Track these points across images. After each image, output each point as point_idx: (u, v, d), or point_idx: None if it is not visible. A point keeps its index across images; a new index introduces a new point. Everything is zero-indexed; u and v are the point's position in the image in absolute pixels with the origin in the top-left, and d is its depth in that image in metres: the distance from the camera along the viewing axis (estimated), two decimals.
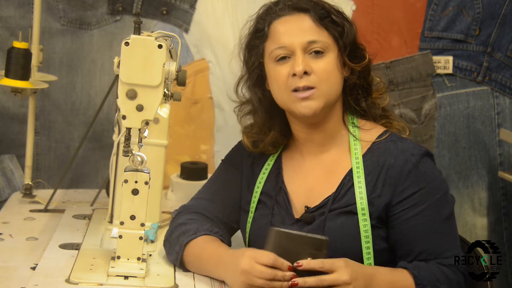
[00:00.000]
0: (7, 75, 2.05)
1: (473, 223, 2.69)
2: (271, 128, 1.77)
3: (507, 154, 2.65)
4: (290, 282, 1.48)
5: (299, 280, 1.49)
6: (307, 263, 1.49)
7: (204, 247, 1.66)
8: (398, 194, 1.63)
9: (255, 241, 1.75)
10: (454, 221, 1.67)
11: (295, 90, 1.64)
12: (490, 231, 2.69)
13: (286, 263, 1.50)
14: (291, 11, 1.68)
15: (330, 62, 1.66)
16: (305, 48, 1.65)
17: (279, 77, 1.67)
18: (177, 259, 1.68)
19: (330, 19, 1.68)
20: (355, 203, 1.63)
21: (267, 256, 1.50)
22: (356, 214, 1.63)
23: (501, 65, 2.62)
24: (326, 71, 1.65)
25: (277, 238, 1.49)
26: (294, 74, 1.63)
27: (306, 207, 1.70)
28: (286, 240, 1.49)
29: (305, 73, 1.63)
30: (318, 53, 1.65)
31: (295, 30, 1.66)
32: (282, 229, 1.49)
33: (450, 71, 2.63)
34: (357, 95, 1.73)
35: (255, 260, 1.51)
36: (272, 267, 1.50)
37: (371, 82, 1.75)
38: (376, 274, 1.55)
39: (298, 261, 1.49)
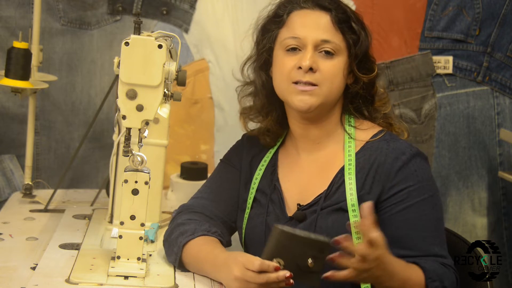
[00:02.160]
0: (7, 75, 2.05)
1: (473, 223, 2.69)
2: (269, 113, 1.78)
3: (507, 154, 2.65)
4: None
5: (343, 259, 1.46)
6: (349, 243, 1.46)
7: (200, 248, 1.66)
8: (386, 191, 1.63)
9: (250, 240, 1.75)
10: (441, 225, 1.66)
11: (296, 82, 1.65)
12: (490, 231, 2.69)
13: (272, 265, 1.48)
14: (314, 6, 1.69)
15: (338, 65, 1.66)
16: (317, 45, 1.65)
17: (284, 67, 1.67)
18: (176, 260, 1.68)
19: (348, 25, 1.68)
20: (345, 200, 1.64)
21: (252, 263, 1.50)
22: (347, 211, 1.63)
23: (501, 65, 2.62)
24: (332, 73, 1.65)
25: (280, 237, 1.48)
26: (300, 68, 1.64)
27: (298, 204, 1.71)
28: (289, 240, 1.48)
29: (311, 69, 1.63)
30: (328, 54, 1.66)
31: (312, 25, 1.67)
32: (286, 229, 1.48)
33: (450, 71, 2.63)
34: (358, 104, 1.73)
35: (245, 267, 1.51)
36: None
37: (374, 94, 1.75)
38: (392, 271, 1.52)
39: (346, 237, 1.45)
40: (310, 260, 1.48)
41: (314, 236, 1.48)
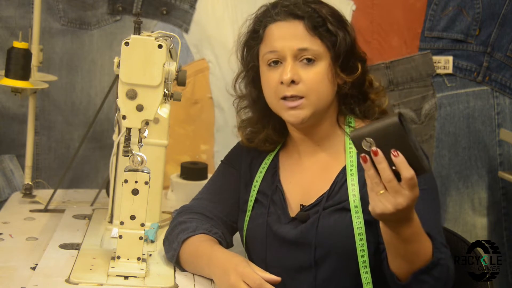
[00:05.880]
0: (7, 75, 2.05)
1: (473, 223, 2.69)
2: (265, 126, 1.78)
3: (507, 154, 2.65)
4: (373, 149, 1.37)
5: (380, 156, 1.34)
6: (401, 161, 1.33)
7: (199, 244, 1.67)
8: None
9: (251, 240, 1.75)
10: (439, 218, 1.64)
11: (284, 98, 1.65)
12: (490, 231, 2.69)
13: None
14: (286, 16, 1.68)
15: (321, 71, 1.65)
16: (295, 55, 1.65)
17: (269, 83, 1.68)
18: (173, 256, 1.68)
19: (325, 28, 1.67)
20: (348, 199, 1.63)
21: (253, 280, 1.50)
22: (349, 211, 1.62)
23: (501, 65, 2.62)
24: (316, 81, 1.64)
25: (390, 126, 1.33)
26: (282, 82, 1.64)
27: (301, 205, 1.70)
28: (395, 135, 1.33)
29: (293, 81, 1.63)
30: (310, 61, 1.65)
31: (288, 36, 1.66)
32: (402, 124, 1.33)
33: (450, 71, 2.63)
34: (350, 104, 1.73)
35: (242, 279, 1.51)
36: None
37: (366, 90, 1.74)
38: (410, 220, 1.43)
39: (398, 152, 1.33)
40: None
41: (418, 154, 1.34)
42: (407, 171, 1.34)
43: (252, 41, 1.73)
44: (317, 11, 1.68)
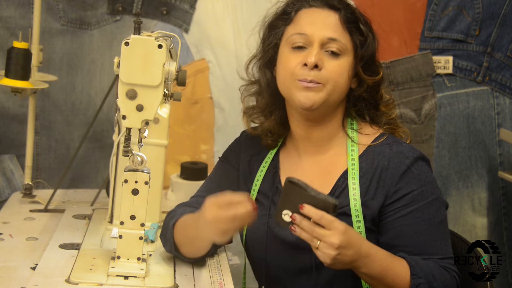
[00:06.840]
0: (7, 75, 2.05)
1: (473, 223, 2.69)
2: (272, 113, 1.77)
3: (507, 154, 2.66)
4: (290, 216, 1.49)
5: (297, 217, 1.48)
6: (308, 209, 1.47)
7: (186, 218, 1.67)
8: (390, 196, 1.62)
9: (252, 241, 1.75)
10: (446, 227, 1.65)
11: (301, 80, 1.63)
12: (490, 231, 2.69)
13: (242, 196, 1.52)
14: (323, 5, 1.68)
15: (343, 65, 1.65)
16: (323, 44, 1.64)
17: (288, 64, 1.66)
18: (171, 245, 1.68)
19: (356, 26, 1.68)
20: (349, 204, 1.63)
21: (222, 198, 1.52)
22: (350, 216, 1.62)
23: (501, 65, 2.62)
24: (337, 72, 1.64)
25: (288, 190, 1.50)
26: (305, 65, 1.63)
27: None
28: (298, 195, 1.49)
29: (316, 66, 1.62)
30: (334, 53, 1.64)
31: (320, 23, 1.66)
32: (295, 183, 1.50)
33: (450, 71, 2.63)
34: (360, 108, 1.72)
35: (216, 205, 1.52)
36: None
37: (379, 99, 1.74)
38: (372, 256, 1.53)
39: (303, 204, 1.48)
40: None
41: (323, 197, 1.49)
42: (315, 215, 1.47)
43: (280, 21, 1.72)
44: (351, 8, 1.70)
